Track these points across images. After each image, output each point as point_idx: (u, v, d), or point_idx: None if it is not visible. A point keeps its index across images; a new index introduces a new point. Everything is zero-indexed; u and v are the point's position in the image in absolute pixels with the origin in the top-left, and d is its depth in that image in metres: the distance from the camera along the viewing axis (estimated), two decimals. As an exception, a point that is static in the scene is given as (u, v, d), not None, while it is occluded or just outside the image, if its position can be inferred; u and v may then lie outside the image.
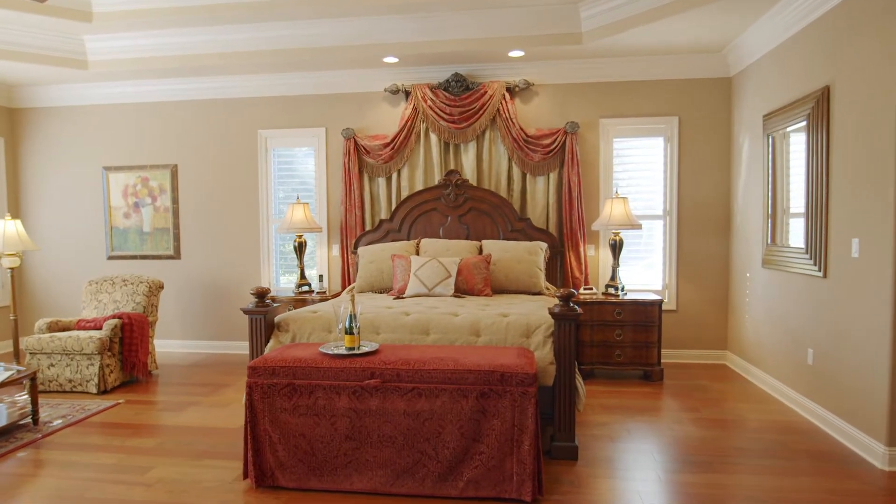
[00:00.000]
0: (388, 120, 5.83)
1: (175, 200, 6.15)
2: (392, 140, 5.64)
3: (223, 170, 6.10)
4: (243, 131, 6.05)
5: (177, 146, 6.15)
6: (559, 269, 5.50)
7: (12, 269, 5.03)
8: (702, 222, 5.50)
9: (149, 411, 4.22)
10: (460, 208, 5.47)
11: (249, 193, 6.07)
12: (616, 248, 5.16)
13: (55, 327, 4.90)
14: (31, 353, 4.69)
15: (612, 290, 5.14)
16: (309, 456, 2.90)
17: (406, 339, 3.52)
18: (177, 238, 6.17)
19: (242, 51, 5.32)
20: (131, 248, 6.26)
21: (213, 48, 5.36)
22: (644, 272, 5.68)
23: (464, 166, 5.69)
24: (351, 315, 3.10)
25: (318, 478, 2.90)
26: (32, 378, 3.86)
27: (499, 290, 4.89)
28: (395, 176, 5.76)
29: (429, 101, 5.59)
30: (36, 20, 4.96)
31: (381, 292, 5.07)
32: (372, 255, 5.19)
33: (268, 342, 3.61)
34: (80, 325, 4.92)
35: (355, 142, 5.74)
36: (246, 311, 3.58)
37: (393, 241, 5.54)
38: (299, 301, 5.33)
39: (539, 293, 4.86)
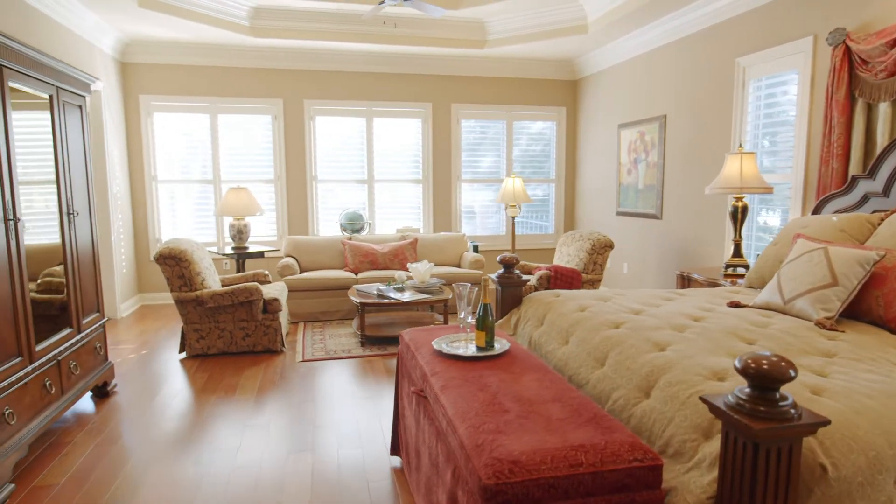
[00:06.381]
0: (914, -4, 3.25)
1: (661, 155, 5.63)
2: (906, 32, 3.15)
3: (701, 115, 5.07)
4: (721, 64, 4.79)
5: (665, 95, 5.55)
6: None
7: (513, 217, 6.18)
8: None
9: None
10: None
11: (722, 140, 4.82)
12: None
13: (522, 270, 5.73)
14: (500, 287, 5.74)
15: None
16: (406, 445, 2.59)
17: (578, 362, 2.32)
18: (660, 196, 5.68)
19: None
20: (629, 205, 6.23)
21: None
22: None
23: None
24: (484, 305, 2.39)
25: (409, 473, 2.55)
26: (444, 303, 4.90)
27: None
28: (908, 97, 3.22)
29: None
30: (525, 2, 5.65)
31: (770, 293, 3.15)
32: (786, 233, 3.26)
33: (503, 317, 3.19)
34: (532, 271, 5.56)
35: (846, 48, 3.54)
36: (492, 280, 3.27)
37: (875, 211, 3.22)
38: (714, 285, 4.00)
39: None
